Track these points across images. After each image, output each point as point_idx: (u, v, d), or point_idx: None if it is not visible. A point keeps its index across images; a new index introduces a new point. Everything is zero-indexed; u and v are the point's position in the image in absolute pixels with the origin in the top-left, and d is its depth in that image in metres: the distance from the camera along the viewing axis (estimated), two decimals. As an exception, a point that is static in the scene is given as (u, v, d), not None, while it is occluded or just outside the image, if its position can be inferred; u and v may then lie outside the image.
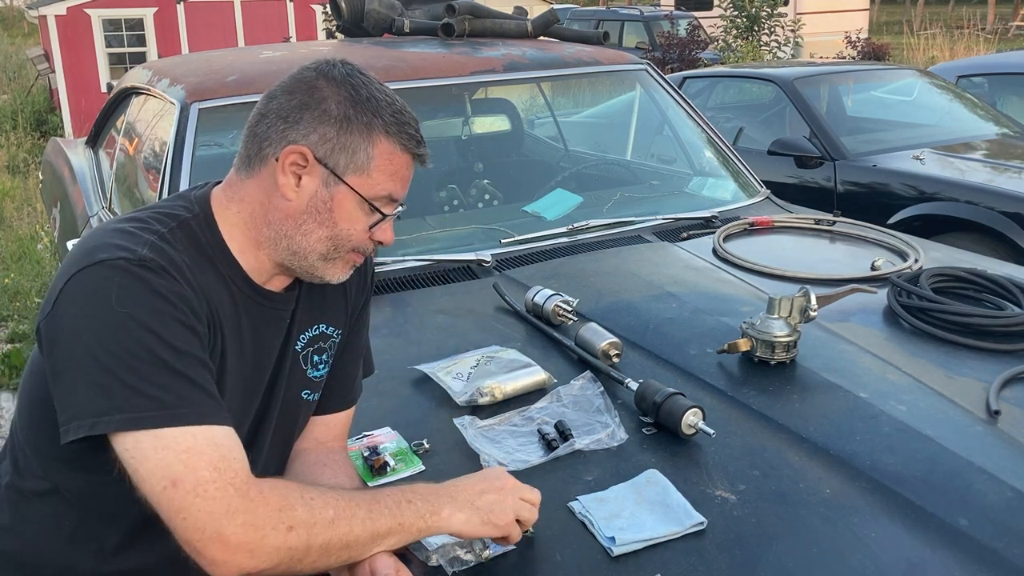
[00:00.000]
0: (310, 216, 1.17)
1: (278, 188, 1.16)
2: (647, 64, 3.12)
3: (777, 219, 2.57)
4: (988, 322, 1.83)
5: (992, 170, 4.04)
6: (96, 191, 3.35)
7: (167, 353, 1.03)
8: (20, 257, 5.80)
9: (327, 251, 1.19)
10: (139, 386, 1.01)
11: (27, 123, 11.25)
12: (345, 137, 1.15)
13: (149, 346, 1.03)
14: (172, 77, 2.63)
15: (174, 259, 1.10)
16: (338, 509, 1.06)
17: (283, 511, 1.02)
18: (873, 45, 12.66)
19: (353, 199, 1.17)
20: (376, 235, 1.21)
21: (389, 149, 1.17)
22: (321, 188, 1.16)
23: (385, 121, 1.16)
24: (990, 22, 25.26)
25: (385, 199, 1.19)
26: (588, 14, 17.34)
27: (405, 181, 1.21)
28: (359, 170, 1.16)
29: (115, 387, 1.01)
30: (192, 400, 1.04)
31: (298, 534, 1.02)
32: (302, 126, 1.15)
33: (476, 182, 2.80)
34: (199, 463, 1.01)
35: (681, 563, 1.18)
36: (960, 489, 1.32)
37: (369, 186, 1.17)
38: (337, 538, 1.05)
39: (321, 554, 1.05)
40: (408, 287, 2.12)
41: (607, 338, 1.73)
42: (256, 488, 1.03)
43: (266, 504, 1.02)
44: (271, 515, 1.01)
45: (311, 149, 1.15)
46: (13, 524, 1.23)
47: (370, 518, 1.08)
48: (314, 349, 1.32)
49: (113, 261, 1.06)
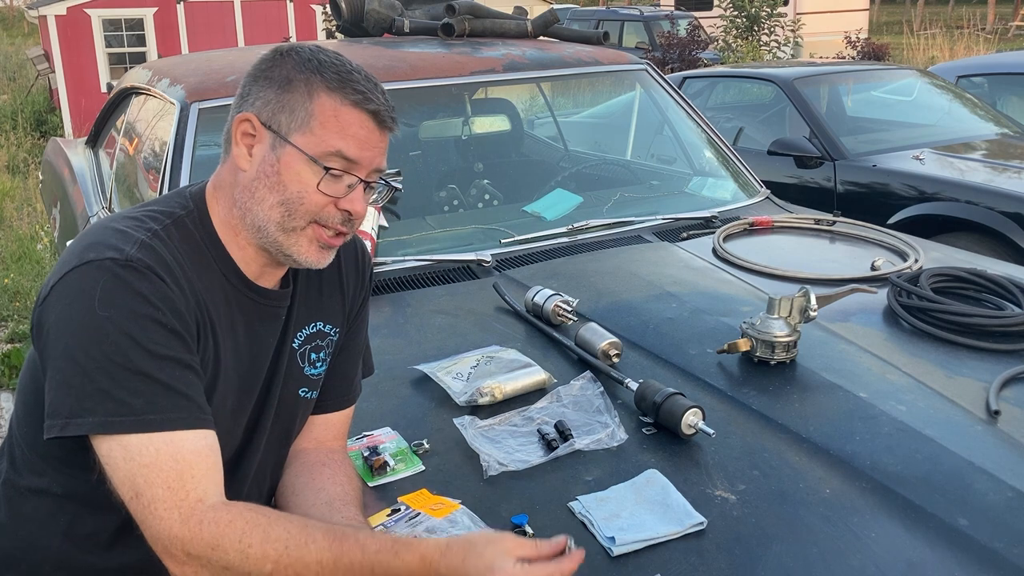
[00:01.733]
0: (260, 182, 1.16)
1: (236, 163, 1.18)
2: (647, 64, 3.12)
3: (777, 219, 2.57)
4: (988, 322, 1.83)
5: (992, 170, 4.04)
6: (96, 191, 3.35)
7: (142, 358, 1.04)
8: (20, 257, 5.80)
9: (282, 219, 1.15)
10: (111, 390, 1.03)
11: (27, 123, 11.25)
12: (285, 96, 1.15)
13: (124, 350, 1.03)
14: (172, 77, 2.63)
15: (164, 258, 1.11)
16: (279, 566, 1.01)
17: (216, 551, 1.01)
18: (873, 45, 12.65)
19: (299, 158, 1.14)
20: (342, 204, 1.16)
21: (332, 104, 1.14)
22: (268, 152, 1.15)
23: (326, 77, 1.14)
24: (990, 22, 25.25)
25: (334, 156, 1.14)
26: (588, 14, 17.33)
27: (360, 139, 1.14)
28: (301, 127, 1.14)
29: (88, 390, 1.03)
30: (162, 406, 1.04)
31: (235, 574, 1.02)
32: (251, 97, 1.17)
33: (476, 182, 2.80)
34: (156, 479, 1.03)
35: (681, 563, 1.18)
36: (960, 489, 1.32)
37: (314, 144, 1.13)
38: None
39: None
40: (408, 287, 2.12)
41: (607, 338, 1.73)
42: (197, 518, 1.03)
43: (201, 539, 1.02)
44: (205, 551, 1.02)
45: (256, 114, 1.16)
46: (9, 520, 1.24)
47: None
48: (311, 347, 1.32)
49: (100, 262, 1.07)
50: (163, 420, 1.04)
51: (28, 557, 1.22)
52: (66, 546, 1.20)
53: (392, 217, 2.39)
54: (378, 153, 1.17)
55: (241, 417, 1.23)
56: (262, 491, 1.31)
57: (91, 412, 1.03)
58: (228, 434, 1.19)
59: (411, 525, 1.24)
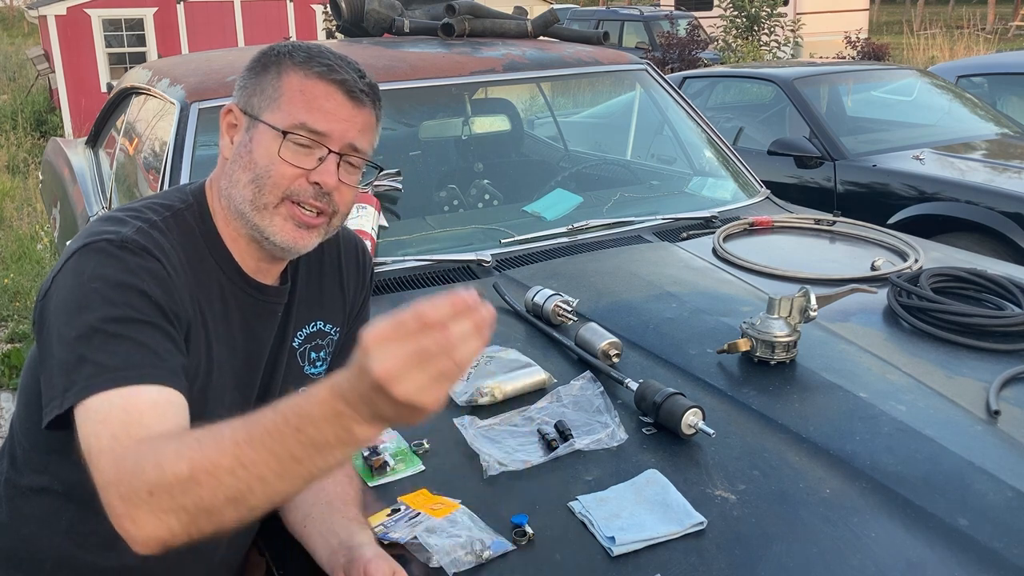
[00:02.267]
0: (236, 164, 1.18)
1: (223, 153, 1.20)
2: (647, 64, 3.11)
3: (777, 219, 2.57)
4: (988, 322, 1.83)
5: (992, 170, 4.04)
6: (96, 191, 3.35)
7: (120, 321, 1.03)
8: (20, 257, 5.80)
9: (254, 196, 1.15)
10: (89, 355, 1.01)
11: (27, 123, 11.25)
12: (257, 79, 1.18)
13: (104, 315, 1.03)
14: (172, 77, 2.63)
15: (161, 243, 1.12)
16: (194, 463, 0.88)
17: (137, 476, 0.91)
18: (873, 45, 12.66)
19: (268, 134, 1.15)
20: (312, 176, 1.15)
21: (298, 78, 1.16)
22: (244, 135, 1.18)
23: (294, 57, 1.17)
24: (990, 22, 25.26)
25: (299, 128, 1.14)
26: (588, 14, 17.33)
27: (326, 112, 1.14)
28: (271, 104, 1.16)
29: (73, 361, 1.01)
30: (131, 363, 1.01)
31: (160, 499, 0.89)
32: (235, 91, 1.21)
33: (476, 182, 2.80)
34: (104, 432, 0.97)
35: (681, 563, 1.18)
36: (960, 489, 1.32)
37: (280, 118, 1.15)
38: (208, 496, 0.87)
39: (210, 513, 0.89)
40: (408, 287, 2.12)
41: (607, 338, 1.73)
42: (123, 455, 0.93)
43: (124, 471, 0.92)
44: (128, 480, 0.91)
45: (235, 103, 1.20)
46: (11, 520, 1.24)
47: (242, 466, 0.86)
48: (312, 346, 1.32)
49: (96, 243, 1.08)
50: (126, 376, 1.00)
51: (30, 556, 1.22)
52: (67, 545, 1.20)
53: (392, 217, 2.39)
54: (350, 127, 1.16)
55: (240, 415, 1.23)
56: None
57: (74, 383, 1.00)
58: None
59: (411, 525, 1.24)
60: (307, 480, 0.88)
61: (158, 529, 0.90)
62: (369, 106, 1.18)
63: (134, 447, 0.94)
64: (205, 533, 0.90)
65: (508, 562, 1.19)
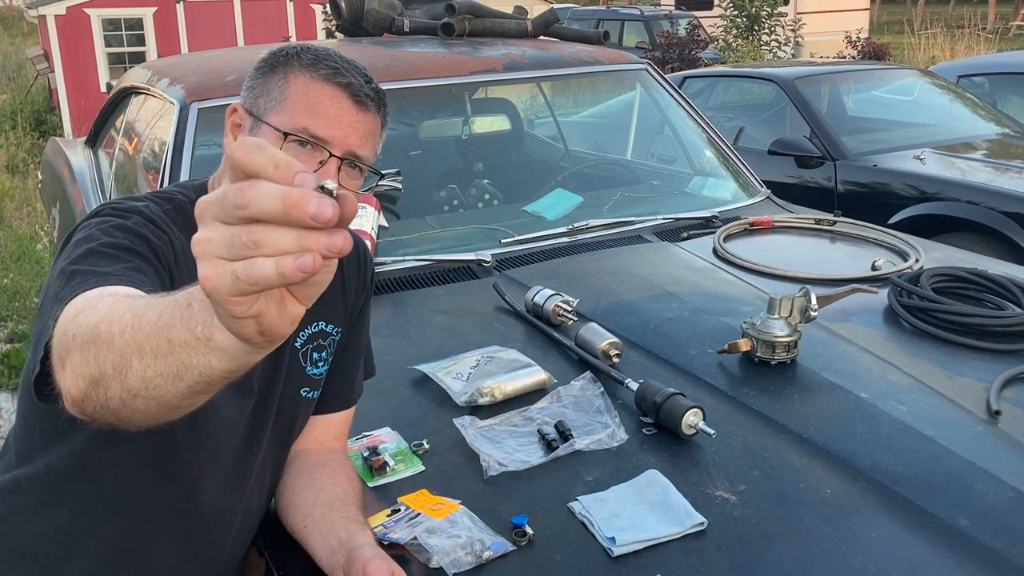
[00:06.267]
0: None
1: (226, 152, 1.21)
2: (647, 64, 3.11)
3: (777, 219, 2.57)
4: (988, 322, 1.83)
5: (993, 170, 4.03)
6: (95, 191, 3.35)
7: (110, 248, 1.02)
8: (20, 257, 5.80)
9: None
10: (78, 270, 0.97)
11: (26, 123, 11.25)
12: (264, 80, 1.18)
13: (101, 243, 1.03)
14: (172, 77, 2.63)
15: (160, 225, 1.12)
16: (100, 317, 0.79)
17: (64, 335, 0.82)
18: (873, 45, 12.65)
19: (271, 135, 1.14)
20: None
21: (304, 80, 1.16)
22: (247, 135, 1.18)
23: (302, 59, 1.17)
24: (991, 22, 25.26)
25: (301, 131, 1.14)
26: (588, 14, 17.32)
27: (330, 117, 1.14)
28: (275, 106, 1.16)
29: (63, 284, 0.97)
30: (117, 271, 0.97)
31: (73, 357, 0.80)
32: (242, 91, 1.22)
33: (476, 182, 2.80)
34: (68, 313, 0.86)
35: (681, 563, 1.18)
36: (960, 489, 1.32)
37: (284, 120, 1.15)
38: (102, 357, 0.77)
39: (99, 380, 0.78)
40: (408, 287, 2.12)
41: (607, 338, 1.73)
42: (68, 323, 0.84)
43: (60, 332, 0.83)
44: (60, 341, 0.83)
45: (241, 103, 1.20)
46: (11, 516, 1.23)
47: (132, 329, 0.75)
48: (314, 346, 1.32)
49: (102, 210, 1.11)
50: (106, 279, 0.93)
51: (31, 552, 1.22)
52: (69, 541, 1.20)
53: (392, 217, 2.39)
54: (352, 133, 1.15)
55: (239, 415, 1.23)
56: (263, 490, 1.31)
57: (63, 300, 0.91)
58: (228, 432, 1.19)
59: (411, 525, 1.24)
60: (175, 377, 0.73)
61: (72, 387, 0.80)
62: (373, 111, 1.18)
63: (73, 317, 0.84)
64: (107, 407, 0.79)
65: (508, 563, 1.19)
